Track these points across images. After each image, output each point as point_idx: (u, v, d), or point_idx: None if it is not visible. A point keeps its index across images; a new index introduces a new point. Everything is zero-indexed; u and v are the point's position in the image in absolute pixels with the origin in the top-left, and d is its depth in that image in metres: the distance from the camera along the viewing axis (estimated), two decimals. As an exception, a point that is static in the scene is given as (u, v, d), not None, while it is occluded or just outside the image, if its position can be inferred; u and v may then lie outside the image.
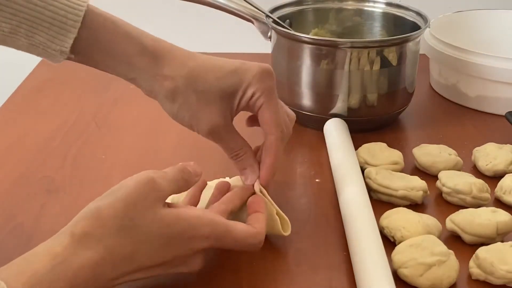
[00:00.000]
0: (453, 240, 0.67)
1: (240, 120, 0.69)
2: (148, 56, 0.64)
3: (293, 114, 0.72)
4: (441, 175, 0.75)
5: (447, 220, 0.68)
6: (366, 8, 1.00)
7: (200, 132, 0.66)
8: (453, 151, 0.80)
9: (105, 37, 0.62)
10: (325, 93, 0.87)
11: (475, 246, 0.65)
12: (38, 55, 0.62)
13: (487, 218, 0.66)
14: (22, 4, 0.59)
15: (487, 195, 0.72)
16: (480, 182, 0.73)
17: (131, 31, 0.63)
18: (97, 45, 0.62)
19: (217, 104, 0.64)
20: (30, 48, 0.61)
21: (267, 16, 0.91)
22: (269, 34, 0.93)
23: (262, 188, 0.65)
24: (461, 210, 0.69)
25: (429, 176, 0.78)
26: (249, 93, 0.65)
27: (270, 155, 0.66)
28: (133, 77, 0.65)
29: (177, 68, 0.64)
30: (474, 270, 0.61)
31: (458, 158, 0.79)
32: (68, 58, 0.63)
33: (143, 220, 0.54)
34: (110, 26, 0.62)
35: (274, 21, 0.91)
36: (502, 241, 0.65)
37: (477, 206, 0.71)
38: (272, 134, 0.65)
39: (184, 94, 0.64)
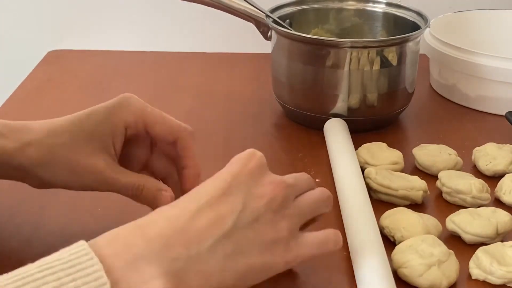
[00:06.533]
0: (453, 240, 0.67)
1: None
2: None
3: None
4: (441, 175, 0.75)
5: (447, 220, 0.68)
6: (366, 8, 1.00)
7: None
8: (453, 151, 0.80)
9: None
10: (325, 93, 0.87)
11: (475, 246, 0.65)
12: None
13: (487, 218, 0.66)
14: None
15: (487, 195, 0.72)
16: (480, 182, 0.73)
17: None
18: None
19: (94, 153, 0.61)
20: None
21: (267, 16, 0.91)
22: (269, 34, 0.93)
23: None
24: (461, 210, 0.69)
25: (429, 176, 0.78)
26: (120, 130, 0.62)
27: (190, 156, 0.62)
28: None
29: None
30: (474, 270, 0.61)
31: (458, 158, 0.79)
32: None
33: None
34: None
35: (274, 21, 0.91)
36: (502, 241, 0.65)
37: (477, 206, 0.71)
38: (179, 135, 0.62)
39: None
